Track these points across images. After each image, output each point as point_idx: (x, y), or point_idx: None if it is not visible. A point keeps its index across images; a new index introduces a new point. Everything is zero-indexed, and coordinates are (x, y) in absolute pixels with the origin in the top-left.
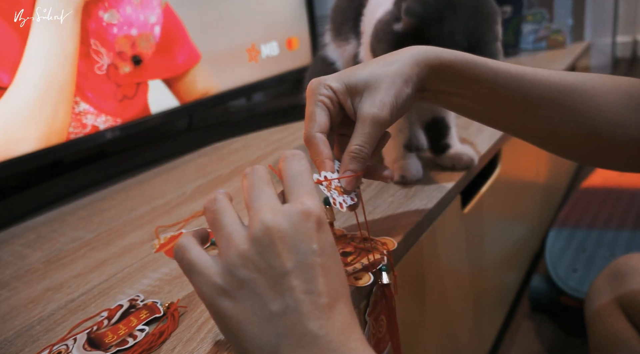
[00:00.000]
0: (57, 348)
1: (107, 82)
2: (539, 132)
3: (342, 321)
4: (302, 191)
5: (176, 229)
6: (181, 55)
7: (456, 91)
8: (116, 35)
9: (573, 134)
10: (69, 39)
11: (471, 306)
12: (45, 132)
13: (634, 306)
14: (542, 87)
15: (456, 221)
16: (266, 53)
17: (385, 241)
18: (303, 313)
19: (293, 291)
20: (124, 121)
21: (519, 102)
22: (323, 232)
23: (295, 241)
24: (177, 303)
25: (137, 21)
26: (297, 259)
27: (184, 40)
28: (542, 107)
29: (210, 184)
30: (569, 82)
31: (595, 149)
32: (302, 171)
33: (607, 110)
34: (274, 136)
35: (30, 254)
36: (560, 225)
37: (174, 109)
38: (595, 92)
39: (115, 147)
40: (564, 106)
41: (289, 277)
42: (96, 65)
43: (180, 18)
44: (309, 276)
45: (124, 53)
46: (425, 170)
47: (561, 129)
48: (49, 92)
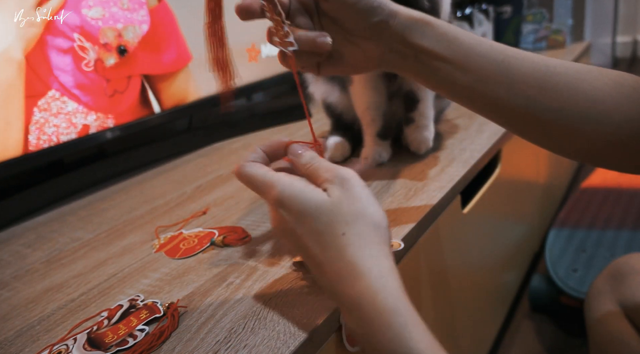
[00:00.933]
0: (57, 347)
1: (96, 78)
2: (521, 114)
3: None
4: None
5: (176, 229)
6: (169, 54)
7: (438, 51)
8: (100, 28)
9: (557, 120)
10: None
11: (471, 306)
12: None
13: (634, 306)
14: (525, 64)
15: (456, 221)
16: (266, 53)
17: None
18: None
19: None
20: (117, 116)
21: (502, 75)
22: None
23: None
24: (177, 303)
25: (123, 17)
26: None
27: (176, 38)
28: (525, 84)
29: (210, 184)
30: (552, 65)
31: (579, 139)
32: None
33: (593, 95)
34: (274, 136)
35: (31, 254)
36: (560, 225)
37: (174, 109)
38: (580, 77)
39: (115, 147)
40: (547, 88)
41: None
42: (83, 61)
43: (177, 16)
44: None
45: (109, 44)
46: (425, 170)
47: (545, 115)
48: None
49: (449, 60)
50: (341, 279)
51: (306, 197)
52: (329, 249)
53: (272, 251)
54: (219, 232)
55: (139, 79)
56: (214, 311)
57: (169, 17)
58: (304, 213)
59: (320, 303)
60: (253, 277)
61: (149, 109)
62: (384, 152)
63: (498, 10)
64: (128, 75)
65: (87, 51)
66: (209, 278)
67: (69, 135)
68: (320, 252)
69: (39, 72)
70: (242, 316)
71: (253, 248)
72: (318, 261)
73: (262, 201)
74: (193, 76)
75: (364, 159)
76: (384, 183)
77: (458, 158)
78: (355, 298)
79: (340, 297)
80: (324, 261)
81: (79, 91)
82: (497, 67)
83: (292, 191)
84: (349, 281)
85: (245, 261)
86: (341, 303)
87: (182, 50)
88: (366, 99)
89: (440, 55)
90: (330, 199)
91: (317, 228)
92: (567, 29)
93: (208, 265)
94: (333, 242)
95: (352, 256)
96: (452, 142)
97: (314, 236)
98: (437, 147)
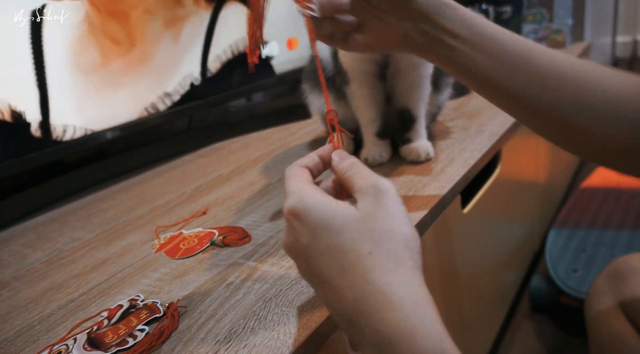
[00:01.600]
0: (57, 347)
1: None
2: (539, 108)
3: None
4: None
5: (176, 229)
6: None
7: (459, 32)
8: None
9: (574, 116)
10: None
11: (471, 306)
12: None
13: (634, 306)
14: (546, 57)
15: (456, 221)
16: (266, 53)
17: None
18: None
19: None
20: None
21: (523, 65)
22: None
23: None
24: (177, 303)
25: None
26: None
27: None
28: (546, 77)
29: (210, 184)
30: (574, 61)
31: (593, 138)
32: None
33: (612, 95)
34: (274, 136)
35: (31, 254)
36: (560, 225)
37: (174, 109)
38: (601, 76)
39: (115, 147)
40: (567, 83)
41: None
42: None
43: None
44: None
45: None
46: (425, 170)
47: (563, 110)
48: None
49: (469, 43)
50: (365, 308)
51: (328, 210)
52: (351, 270)
53: (272, 251)
54: (219, 232)
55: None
56: (214, 311)
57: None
58: (323, 227)
59: (320, 303)
60: (253, 277)
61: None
62: (384, 152)
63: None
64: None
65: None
66: (209, 278)
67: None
68: (338, 274)
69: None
70: (242, 316)
71: (253, 248)
72: (334, 285)
73: (262, 201)
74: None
75: (364, 159)
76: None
77: (458, 158)
78: (384, 332)
79: (361, 329)
80: (342, 286)
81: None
82: (518, 56)
83: (313, 202)
84: (375, 311)
85: (245, 261)
86: (362, 335)
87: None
88: (365, 99)
89: (461, 36)
90: (357, 213)
91: (337, 245)
92: (567, 29)
93: (208, 265)
94: (357, 263)
95: (379, 281)
96: (452, 142)
97: (334, 253)
98: (437, 147)
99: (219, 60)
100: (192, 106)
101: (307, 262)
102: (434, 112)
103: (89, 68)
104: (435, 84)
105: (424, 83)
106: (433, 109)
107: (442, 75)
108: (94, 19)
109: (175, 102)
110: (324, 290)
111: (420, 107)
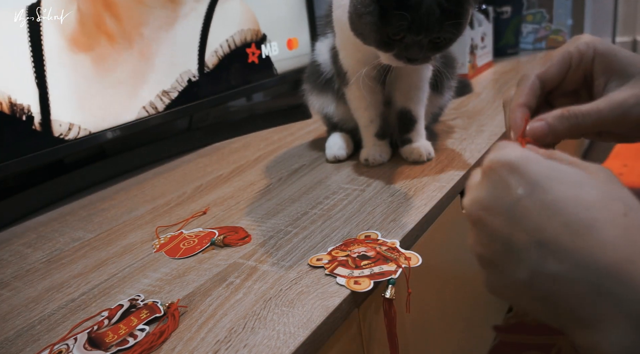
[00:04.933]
0: (58, 347)
1: None
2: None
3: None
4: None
5: (176, 229)
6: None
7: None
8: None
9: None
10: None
11: (471, 306)
12: None
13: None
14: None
15: (456, 221)
16: (266, 53)
17: (411, 256)
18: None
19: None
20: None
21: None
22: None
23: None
24: (177, 302)
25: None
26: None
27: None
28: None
29: (210, 184)
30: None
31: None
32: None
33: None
34: (274, 136)
35: (31, 254)
36: None
37: (174, 109)
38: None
39: (115, 147)
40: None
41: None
42: None
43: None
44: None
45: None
46: (425, 170)
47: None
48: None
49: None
50: (631, 270)
51: (554, 166)
52: (605, 228)
53: (272, 251)
54: (219, 232)
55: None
56: (214, 311)
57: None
58: (554, 178)
59: (320, 303)
60: (253, 277)
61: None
62: (384, 153)
63: (498, 10)
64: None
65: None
66: (209, 278)
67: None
68: (580, 232)
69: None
70: (242, 316)
71: (253, 248)
72: (567, 247)
73: (262, 201)
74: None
75: (364, 159)
76: (384, 183)
77: (458, 158)
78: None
79: (617, 297)
80: (587, 246)
81: None
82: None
83: (534, 156)
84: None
85: (245, 261)
86: (613, 305)
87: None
88: (364, 101)
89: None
90: (593, 176)
91: (582, 198)
92: (566, 29)
93: (208, 265)
94: (613, 221)
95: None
96: (452, 142)
97: (572, 208)
98: (437, 147)
99: (216, 55)
100: (192, 106)
101: (514, 221)
102: (436, 113)
103: (85, 66)
104: (437, 86)
105: (424, 85)
106: (435, 110)
107: (444, 78)
108: (86, 11)
109: (174, 99)
110: (537, 254)
111: (420, 108)
